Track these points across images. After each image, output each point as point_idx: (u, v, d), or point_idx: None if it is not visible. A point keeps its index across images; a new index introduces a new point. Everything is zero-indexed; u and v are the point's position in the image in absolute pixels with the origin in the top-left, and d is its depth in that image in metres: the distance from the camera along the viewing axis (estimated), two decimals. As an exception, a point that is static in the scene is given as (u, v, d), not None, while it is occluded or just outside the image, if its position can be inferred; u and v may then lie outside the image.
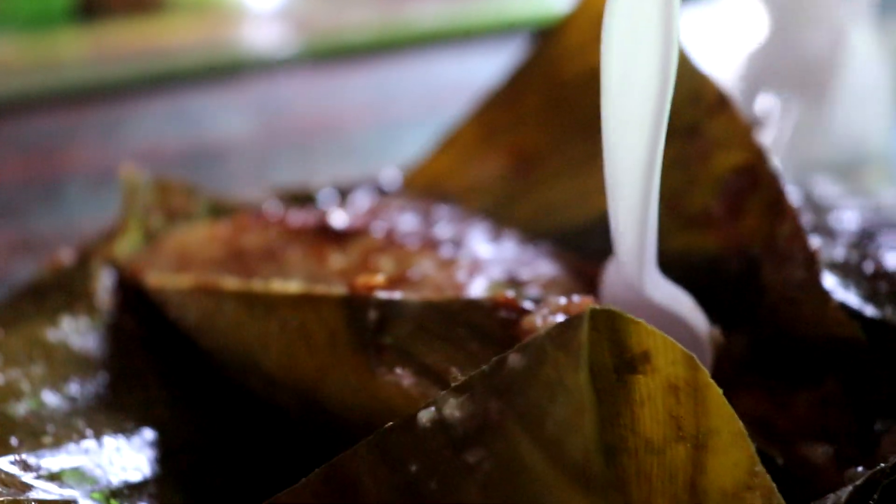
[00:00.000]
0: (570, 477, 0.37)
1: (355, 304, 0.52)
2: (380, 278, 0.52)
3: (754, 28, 0.99)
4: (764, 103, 0.92)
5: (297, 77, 1.36)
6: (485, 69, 1.30)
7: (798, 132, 0.91)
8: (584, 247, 0.68)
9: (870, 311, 0.55)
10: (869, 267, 0.59)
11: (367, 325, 0.51)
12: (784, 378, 0.57)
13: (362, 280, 0.52)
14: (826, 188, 0.73)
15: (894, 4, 1.03)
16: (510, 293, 0.50)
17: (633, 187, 0.48)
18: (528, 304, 0.50)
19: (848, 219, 0.66)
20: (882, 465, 0.45)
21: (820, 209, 0.67)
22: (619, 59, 0.47)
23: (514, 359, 0.39)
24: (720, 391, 0.41)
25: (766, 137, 0.82)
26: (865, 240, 0.63)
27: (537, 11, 1.52)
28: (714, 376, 0.42)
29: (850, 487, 0.44)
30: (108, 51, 1.49)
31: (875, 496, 0.44)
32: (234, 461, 0.58)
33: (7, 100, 1.31)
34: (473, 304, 0.51)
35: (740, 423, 0.41)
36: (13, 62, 1.45)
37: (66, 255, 0.70)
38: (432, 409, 0.40)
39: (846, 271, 0.59)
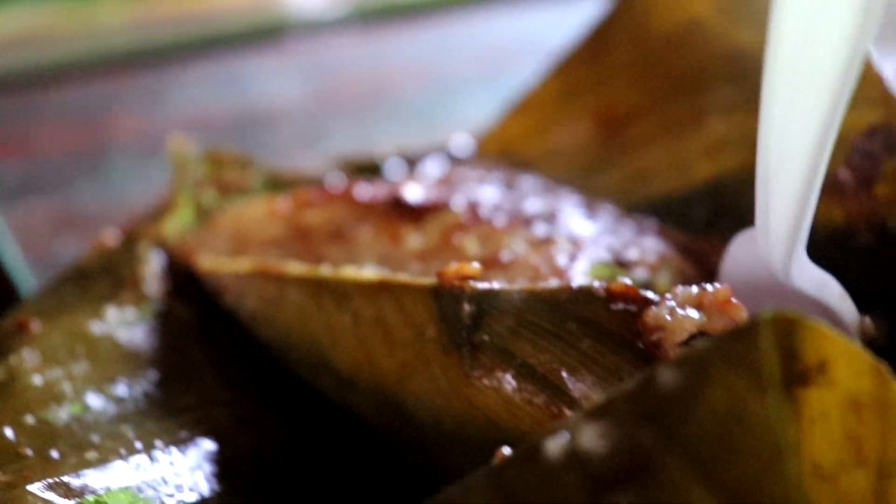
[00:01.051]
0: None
1: (446, 295, 0.43)
2: (475, 266, 0.43)
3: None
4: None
5: (347, 38, 1.27)
6: (546, 24, 1.23)
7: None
8: (683, 219, 0.60)
9: None
10: None
11: (460, 319, 0.43)
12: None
13: (453, 268, 0.43)
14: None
15: None
16: (628, 280, 0.42)
17: (799, 166, 0.39)
18: (651, 295, 0.41)
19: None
20: None
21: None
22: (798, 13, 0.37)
23: (667, 376, 0.30)
24: (918, 411, 0.32)
25: None
26: None
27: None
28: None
29: None
30: (152, 16, 1.42)
31: None
32: (304, 471, 0.51)
33: (49, 69, 1.24)
34: (586, 294, 0.42)
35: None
36: (54, 30, 1.38)
37: (112, 236, 0.62)
38: (565, 436, 0.32)
39: None
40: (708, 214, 0.59)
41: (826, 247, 0.53)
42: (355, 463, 0.52)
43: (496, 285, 0.43)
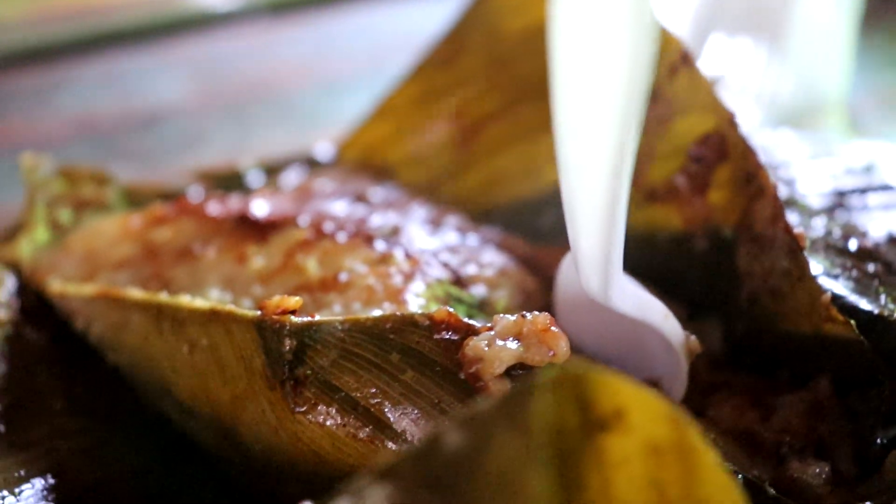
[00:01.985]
0: None
1: (268, 329, 0.40)
2: (295, 299, 0.40)
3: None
4: (715, 47, 0.82)
5: (233, 35, 1.23)
6: (429, 19, 1.20)
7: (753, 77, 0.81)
8: (535, 223, 0.58)
9: (865, 304, 0.44)
10: (853, 243, 0.49)
11: (282, 354, 0.40)
12: (765, 377, 0.47)
13: (274, 301, 0.41)
14: (785, 143, 0.62)
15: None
16: (450, 309, 0.39)
17: (597, 195, 0.37)
18: (474, 323, 0.39)
19: (817, 181, 0.56)
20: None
21: (784, 170, 0.56)
22: (574, 46, 0.35)
23: (453, 439, 0.28)
24: (716, 456, 0.30)
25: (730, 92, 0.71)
26: (840, 206, 0.53)
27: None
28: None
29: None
30: (43, 12, 1.37)
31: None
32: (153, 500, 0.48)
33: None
34: (409, 323, 0.40)
35: (740, 494, 0.31)
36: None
37: (-34, 257, 0.59)
38: (347, 500, 0.29)
39: (828, 250, 0.49)
40: (556, 220, 0.57)
41: (667, 253, 0.52)
42: (201, 489, 0.49)
43: (318, 318, 0.40)
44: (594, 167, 0.36)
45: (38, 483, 0.46)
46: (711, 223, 0.50)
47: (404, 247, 0.49)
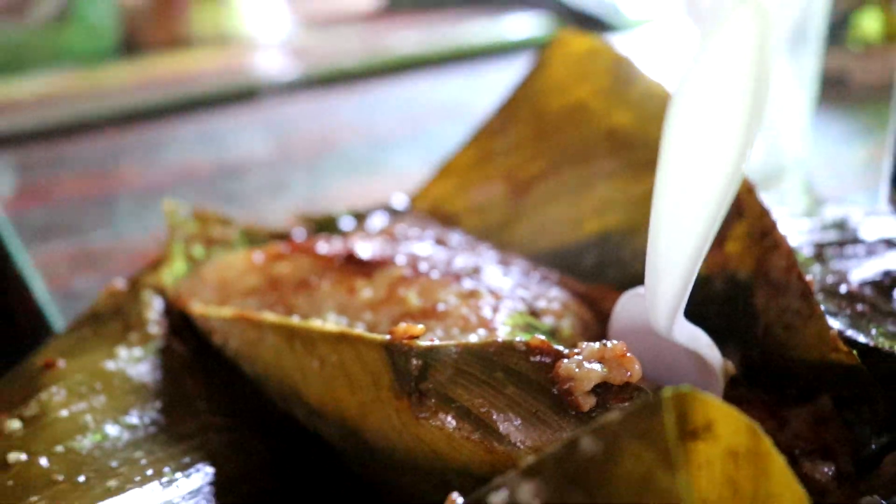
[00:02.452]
0: None
1: (397, 351, 0.41)
2: (419, 327, 0.41)
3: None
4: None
5: (300, 100, 1.24)
6: (462, 89, 1.22)
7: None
8: (578, 265, 0.59)
9: (862, 338, 0.45)
10: (843, 287, 0.50)
11: (409, 371, 0.41)
12: (775, 393, 0.48)
13: (402, 329, 0.41)
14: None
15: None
16: (542, 337, 0.40)
17: (683, 260, 0.38)
18: (562, 349, 0.40)
19: (801, 235, 0.57)
20: None
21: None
22: (687, 141, 0.36)
23: (587, 443, 0.29)
24: (783, 459, 0.31)
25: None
26: (821, 257, 0.54)
27: (499, 39, 1.43)
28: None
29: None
30: (146, 78, 1.38)
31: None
32: (288, 491, 0.48)
33: (63, 125, 1.19)
34: (509, 348, 0.40)
35: (802, 490, 0.31)
36: (68, 92, 1.34)
37: (120, 283, 0.59)
38: (504, 492, 0.30)
39: (824, 293, 0.49)
40: (596, 262, 0.58)
41: (692, 294, 0.52)
42: (328, 481, 0.49)
43: (436, 342, 0.41)
44: (692, 234, 0.37)
45: (203, 468, 0.46)
46: (728, 269, 0.51)
47: (486, 283, 0.50)
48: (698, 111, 0.36)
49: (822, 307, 0.46)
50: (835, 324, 0.46)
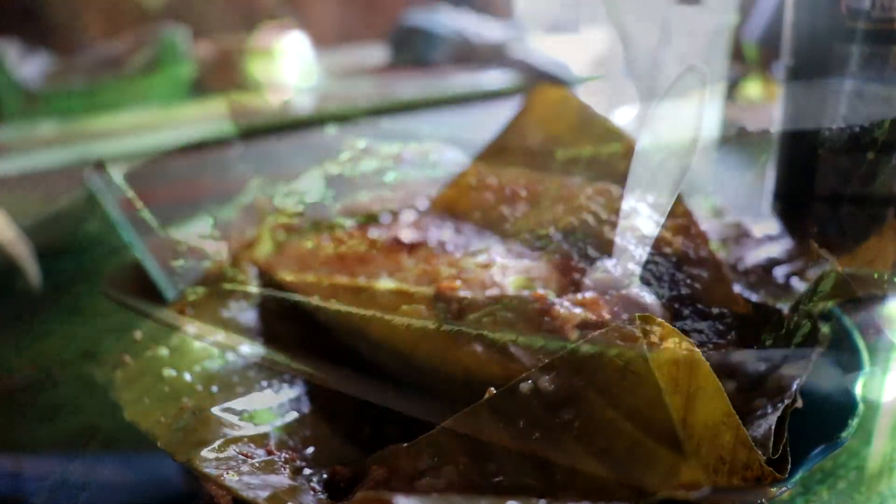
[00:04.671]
0: (656, 439, 0.32)
1: (442, 298, 0.46)
2: (458, 283, 0.47)
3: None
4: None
5: (328, 131, 1.29)
6: (449, 127, 1.26)
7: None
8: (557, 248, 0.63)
9: (754, 298, 0.51)
10: (741, 265, 0.56)
11: (450, 312, 0.46)
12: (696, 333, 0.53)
13: (446, 284, 0.47)
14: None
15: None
16: (541, 291, 0.45)
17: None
18: (554, 299, 0.45)
19: (714, 232, 0.63)
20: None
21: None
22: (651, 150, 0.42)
23: (584, 348, 0.35)
24: (708, 364, 0.37)
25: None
26: (729, 247, 0.60)
27: (479, 89, 1.47)
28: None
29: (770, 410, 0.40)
30: (214, 114, 1.42)
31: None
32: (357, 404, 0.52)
33: (155, 150, 1.23)
34: (519, 298, 0.46)
35: (719, 384, 0.37)
36: (153, 124, 1.37)
37: (225, 257, 0.64)
38: (529, 381, 0.35)
39: (729, 269, 0.55)
40: (569, 245, 0.63)
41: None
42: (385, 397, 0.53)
43: (468, 293, 0.46)
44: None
45: (296, 382, 0.50)
46: (664, 247, 0.56)
47: (495, 258, 0.55)
48: (658, 136, 0.41)
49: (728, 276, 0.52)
50: (736, 288, 0.52)
